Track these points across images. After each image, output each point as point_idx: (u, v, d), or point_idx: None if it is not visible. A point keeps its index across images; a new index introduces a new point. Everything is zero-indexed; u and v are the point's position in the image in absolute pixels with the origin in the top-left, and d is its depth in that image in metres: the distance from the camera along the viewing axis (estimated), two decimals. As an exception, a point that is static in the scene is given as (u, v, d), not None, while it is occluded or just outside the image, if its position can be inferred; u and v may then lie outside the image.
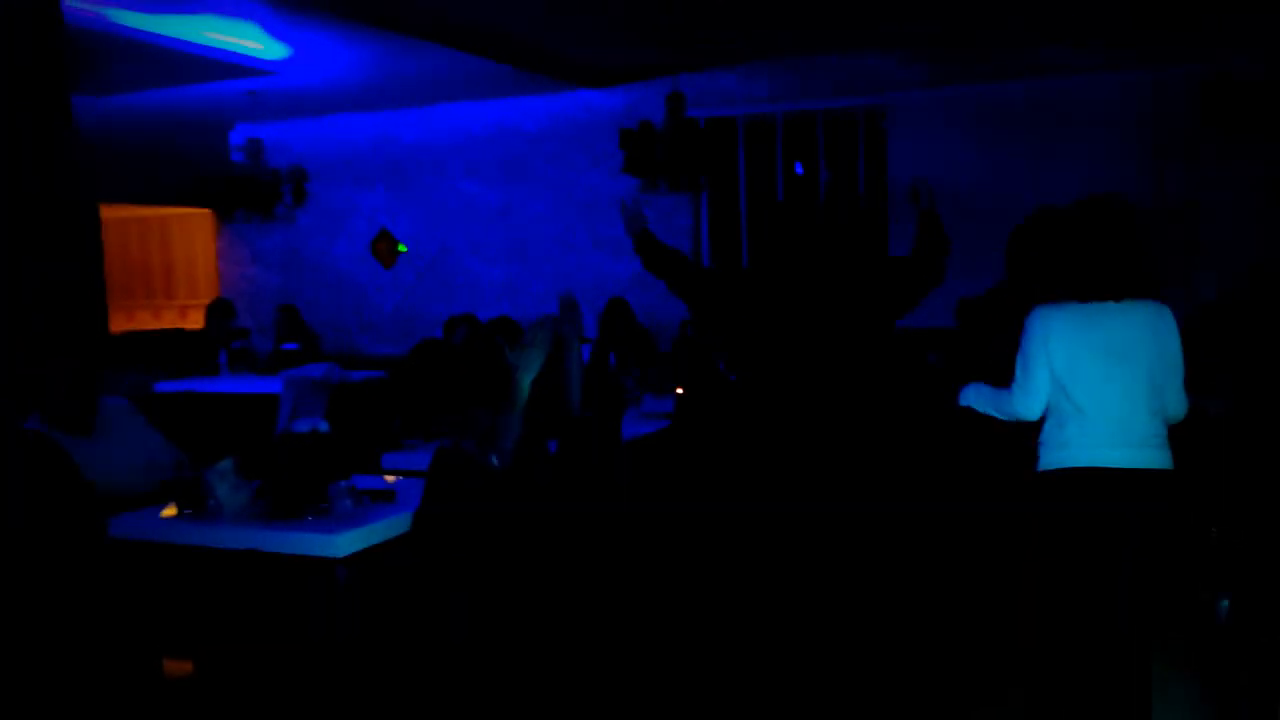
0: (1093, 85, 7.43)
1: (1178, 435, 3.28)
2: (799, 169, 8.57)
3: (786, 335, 3.72)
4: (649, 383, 6.65)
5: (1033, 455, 3.33)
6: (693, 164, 7.35)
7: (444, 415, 4.77)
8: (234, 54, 7.01)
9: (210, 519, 3.44)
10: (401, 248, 9.66)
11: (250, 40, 6.75)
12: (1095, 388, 3.18)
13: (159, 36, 6.49)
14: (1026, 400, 3.27)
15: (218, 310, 8.38)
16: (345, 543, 3.22)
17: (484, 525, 3.19)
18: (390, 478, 4.08)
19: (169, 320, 11.21)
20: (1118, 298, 3.20)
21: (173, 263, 11.35)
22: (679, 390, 5.83)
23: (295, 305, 8.74)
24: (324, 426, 3.60)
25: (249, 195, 8.38)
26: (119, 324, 10.53)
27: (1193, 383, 3.29)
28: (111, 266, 10.91)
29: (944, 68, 7.73)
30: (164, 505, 3.62)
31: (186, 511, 3.48)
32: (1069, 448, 3.21)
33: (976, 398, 3.48)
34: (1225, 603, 4.26)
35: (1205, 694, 3.90)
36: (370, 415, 5.11)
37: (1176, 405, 3.26)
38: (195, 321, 9.72)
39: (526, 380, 3.51)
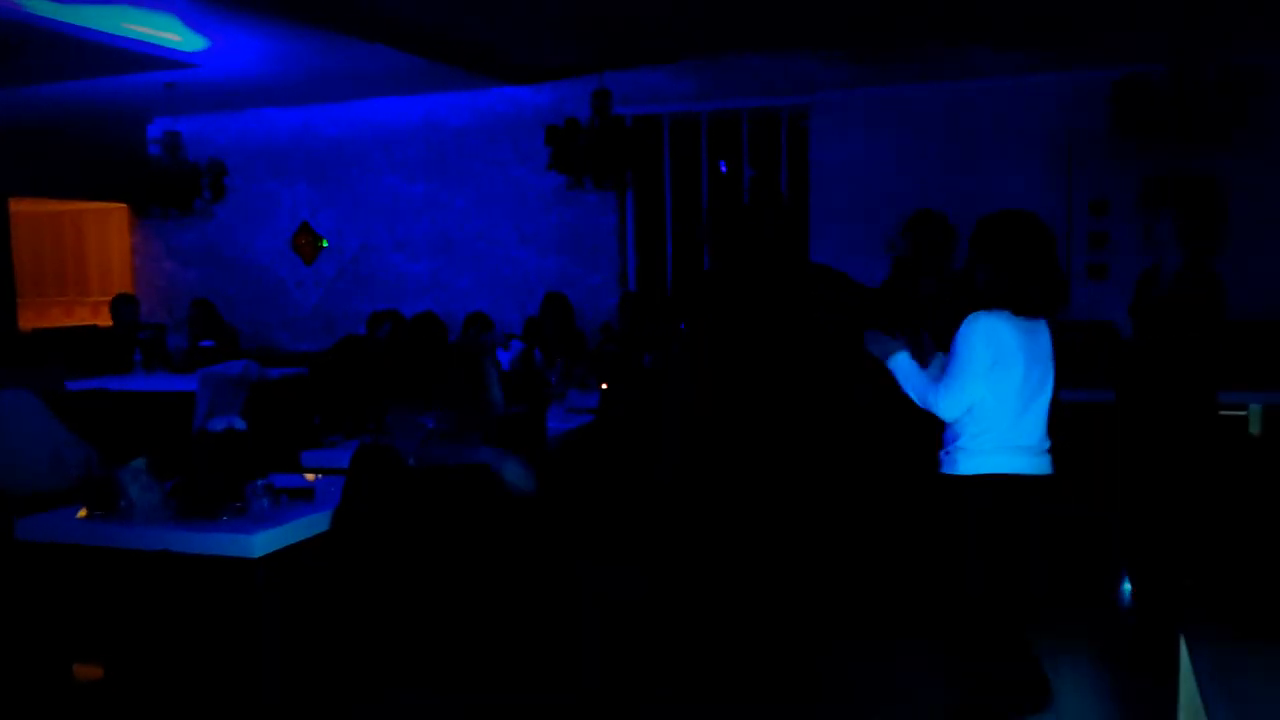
0: (1011, 88, 7.61)
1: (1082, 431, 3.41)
2: (723, 167, 8.64)
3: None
4: (574, 378, 6.67)
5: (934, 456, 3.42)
6: (618, 161, 7.38)
7: (366, 412, 4.74)
8: (151, 46, 6.86)
9: (122, 519, 3.37)
10: (323, 243, 9.53)
11: (168, 32, 6.61)
12: (1024, 400, 3.29)
13: (75, 27, 6.32)
14: (953, 402, 3.28)
15: (122, 305, 8.19)
16: (262, 542, 3.19)
17: (403, 524, 3.17)
18: (310, 476, 4.04)
19: (82, 317, 10.92)
20: (1050, 314, 3.32)
21: (86, 258, 11.06)
22: (603, 386, 5.86)
23: (211, 301, 8.58)
24: (240, 424, 3.56)
25: (166, 189, 8.21)
26: (30, 320, 10.23)
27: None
28: (22, 262, 10.64)
29: (866, 69, 7.85)
30: (76, 506, 3.54)
31: (98, 512, 3.41)
32: (994, 454, 3.30)
33: (906, 373, 3.40)
34: (1126, 586, 4.42)
35: (1109, 674, 4.03)
36: (290, 412, 5.04)
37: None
38: (109, 319, 9.49)
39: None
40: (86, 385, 7.01)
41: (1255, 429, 5.46)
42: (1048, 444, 3.38)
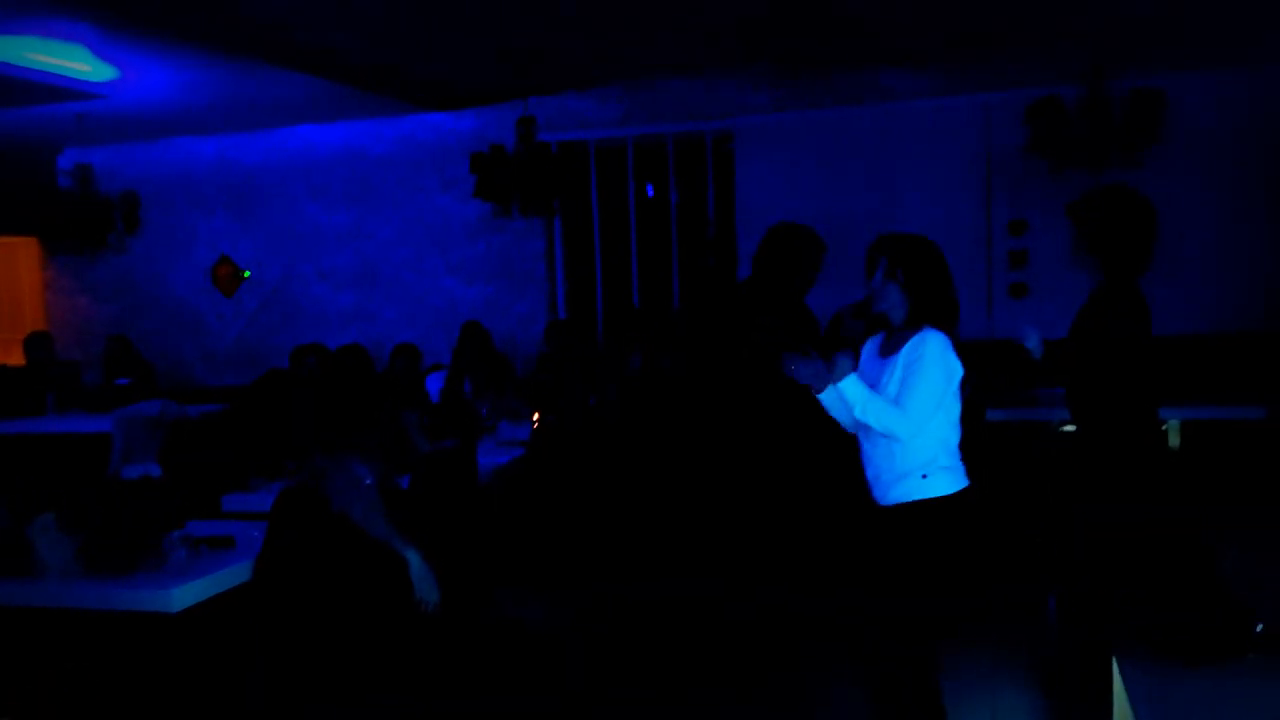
0: (930, 110, 7.73)
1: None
2: (650, 191, 8.65)
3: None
4: (505, 410, 6.59)
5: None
6: (545, 188, 7.33)
7: (290, 452, 4.62)
8: (60, 76, 6.66)
9: (33, 576, 3.22)
10: (244, 274, 9.33)
11: (77, 62, 6.43)
12: (958, 414, 3.29)
13: (-24, 58, 6.13)
14: (917, 424, 3.16)
15: (35, 344, 7.92)
16: (180, 596, 3.07)
17: (328, 572, 3.08)
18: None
19: (-9, 356, 10.55)
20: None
21: (-6, 294, 10.68)
22: (535, 417, 5.80)
23: (127, 336, 8.33)
24: (156, 471, 3.44)
25: (78, 222, 7.97)
26: (-65, 360, 9.86)
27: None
28: (-75, 299, 10.23)
29: (787, 93, 7.93)
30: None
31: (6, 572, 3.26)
32: (959, 470, 3.27)
33: (861, 396, 3.19)
34: (1052, 601, 4.47)
35: (1042, 688, 4.07)
36: (210, 452, 4.90)
37: None
38: (19, 358, 9.17)
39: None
40: (-3, 428, 6.77)
41: (1174, 442, 5.58)
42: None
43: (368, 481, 3.30)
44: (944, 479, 3.20)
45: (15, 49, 6.07)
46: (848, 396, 3.19)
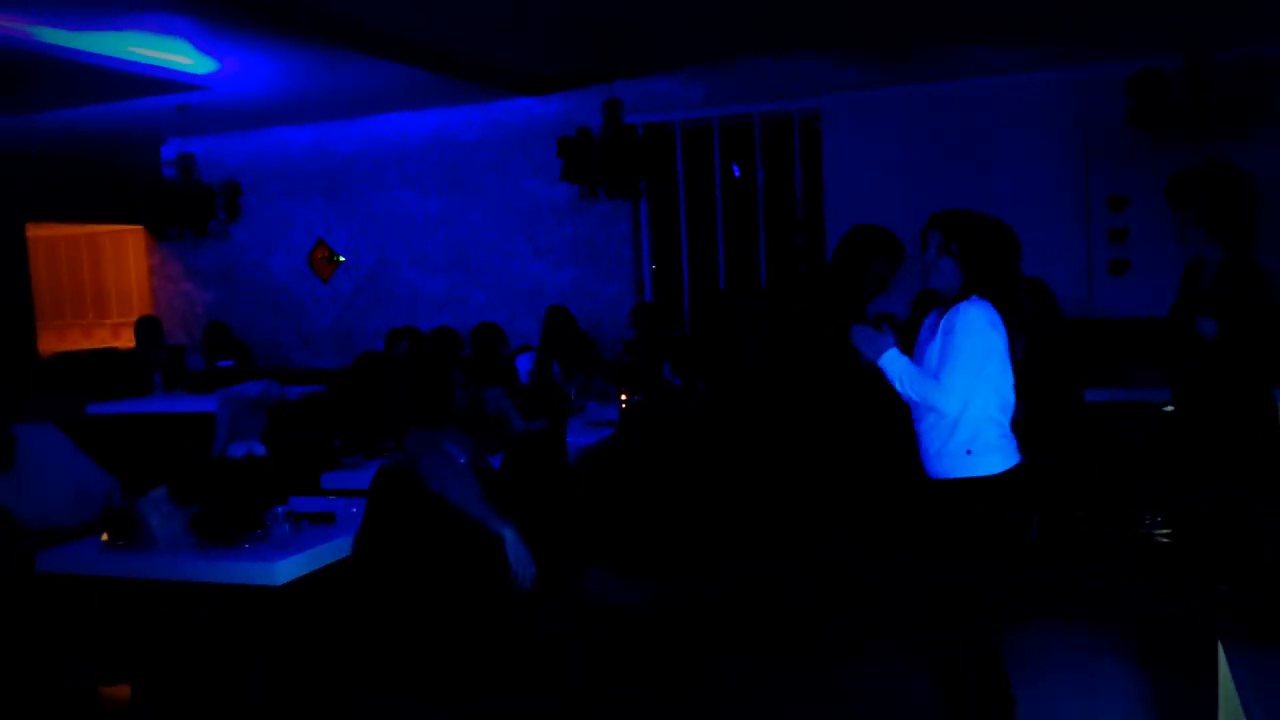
0: (1023, 85, 7.53)
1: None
2: (736, 172, 8.61)
3: None
4: (593, 391, 6.64)
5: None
6: (631, 170, 7.34)
7: (385, 431, 4.73)
8: (162, 69, 6.88)
9: (143, 549, 3.36)
10: (339, 259, 9.55)
11: (179, 55, 6.63)
12: (1008, 389, 3.23)
13: (85, 54, 6.36)
14: (955, 396, 3.13)
15: (146, 328, 8.22)
16: (284, 570, 3.17)
17: (427, 549, 3.16)
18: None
19: (101, 340, 10.98)
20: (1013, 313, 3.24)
21: (104, 281, 11.12)
22: (623, 398, 5.83)
23: (225, 322, 8.60)
24: (260, 450, 3.55)
25: (181, 211, 8.23)
26: (50, 344, 10.30)
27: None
28: (40, 286, 10.70)
29: (876, 70, 7.80)
30: (97, 536, 3.54)
31: (119, 542, 3.40)
32: (1009, 448, 3.21)
33: (901, 369, 3.22)
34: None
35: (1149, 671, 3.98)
36: (310, 433, 5.03)
37: None
38: (128, 340, 9.53)
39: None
40: (107, 409, 7.03)
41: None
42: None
43: (461, 461, 3.36)
44: (991, 457, 3.14)
45: (120, 44, 6.29)
46: (887, 370, 3.19)
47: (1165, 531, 3.81)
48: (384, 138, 9.29)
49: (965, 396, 3.12)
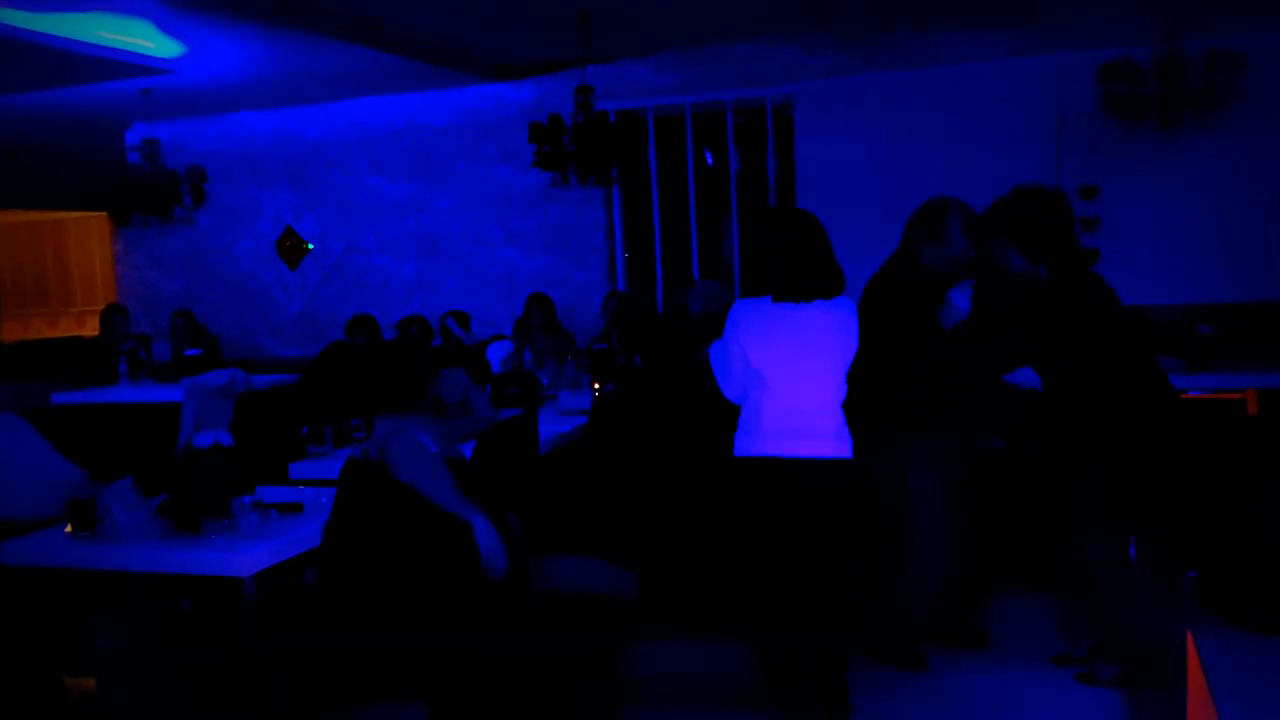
0: (996, 72, 7.54)
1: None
2: (710, 159, 8.58)
3: None
4: (565, 379, 6.60)
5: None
6: (603, 156, 7.30)
7: (354, 420, 4.67)
8: (127, 53, 6.77)
9: (108, 540, 3.30)
10: (307, 246, 9.44)
11: (144, 39, 6.52)
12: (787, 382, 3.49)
13: (48, 36, 6.24)
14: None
15: (112, 316, 8.10)
16: (251, 560, 3.12)
17: (396, 539, 3.12)
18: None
19: (65, 328, 10.83)
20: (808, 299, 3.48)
21: (68, 268, 10.97)
22: (595, 387, 5.80)
23: (190, 310, 8.49)
24: (227, 439, 3.49)
25: (146, 197, 8.12)
26: (13, 333, 10.16)
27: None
28: (2, 274, 10.55)
29: (849, 57, 7.79)
30: (61, 526, 3.48)
31: (83, 533, 3.34)
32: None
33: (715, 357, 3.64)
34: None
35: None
36: (277, 422, 4.97)
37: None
38: (93, 328, 9.39)
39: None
40: (72, 398, 6.93)
41: (1252, 411, 5.42)
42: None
43: (432, 449, 3.32)
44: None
45: (84, 26, 6.17)
46: None
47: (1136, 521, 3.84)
48: (353, 123, 9.19)
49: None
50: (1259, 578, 2.91)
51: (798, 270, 3.48)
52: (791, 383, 3.49)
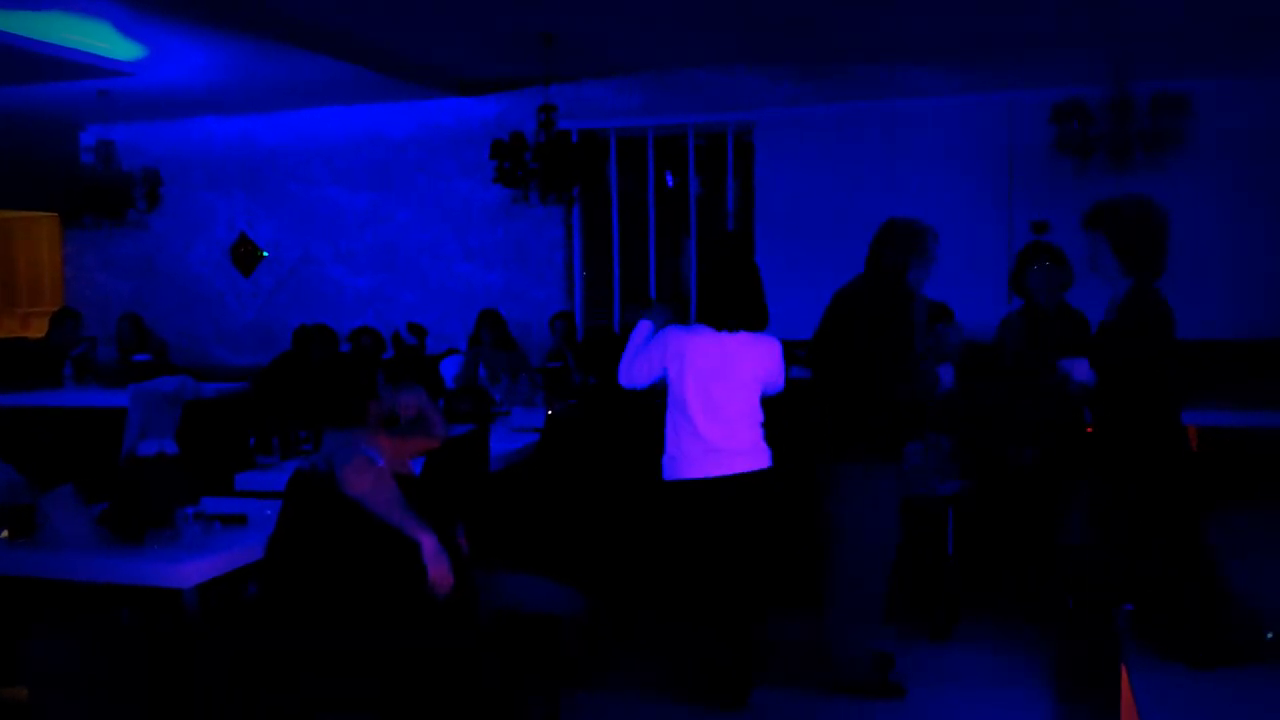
0: (952, 107, 7.68)
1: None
2: (670, 181, 8.63)
3: None
4: (519, 396, 6.59)
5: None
6: (565, 175, 7.32)
7: (302, 432, 4.63)
8: (85, 53, 6.69)
9: (45, 548, 3.24)
10: (262, 254, 9.35)
11: (103, 40, 6.45)
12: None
13: (5, 34, 6.15)
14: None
15: (62, 320, 7.97)
16: (192, 571, 3.08)
17: (340, 554, 3.09)
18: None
19: (10, 329, 10.62)
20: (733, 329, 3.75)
21: (15, 269, 10.76)
22: (550, 405, 5.79)
23: (139, 314, 8.37)
24: (172, 448, 3.45)
25: (99, 199, 8.00)
26: (-45, 333, 9.94)
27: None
28: (-54, 272, 10.32)
29: (810, 86, 7.89)
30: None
31: (20, 540, 3.28)
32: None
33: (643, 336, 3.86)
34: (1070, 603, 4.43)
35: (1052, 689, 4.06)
36: (224, 432, 4.91)
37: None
38: (38, 330, 9.21)
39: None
40: (14, 400, 6.80)
41: (1192, 448, 5.52)
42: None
43: (380, 464, 3.30)
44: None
45: (43, 25, 6.09)
46: None
47: (1073, 553, 3.91)
48: (313, 132, 9.14)
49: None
50: (1193, 612, 2.97)
51: (727, 301, 3.72)
52: (710, 409, 3.73)
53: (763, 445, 3.85)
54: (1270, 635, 2.89)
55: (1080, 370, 3.51)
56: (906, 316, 3.99)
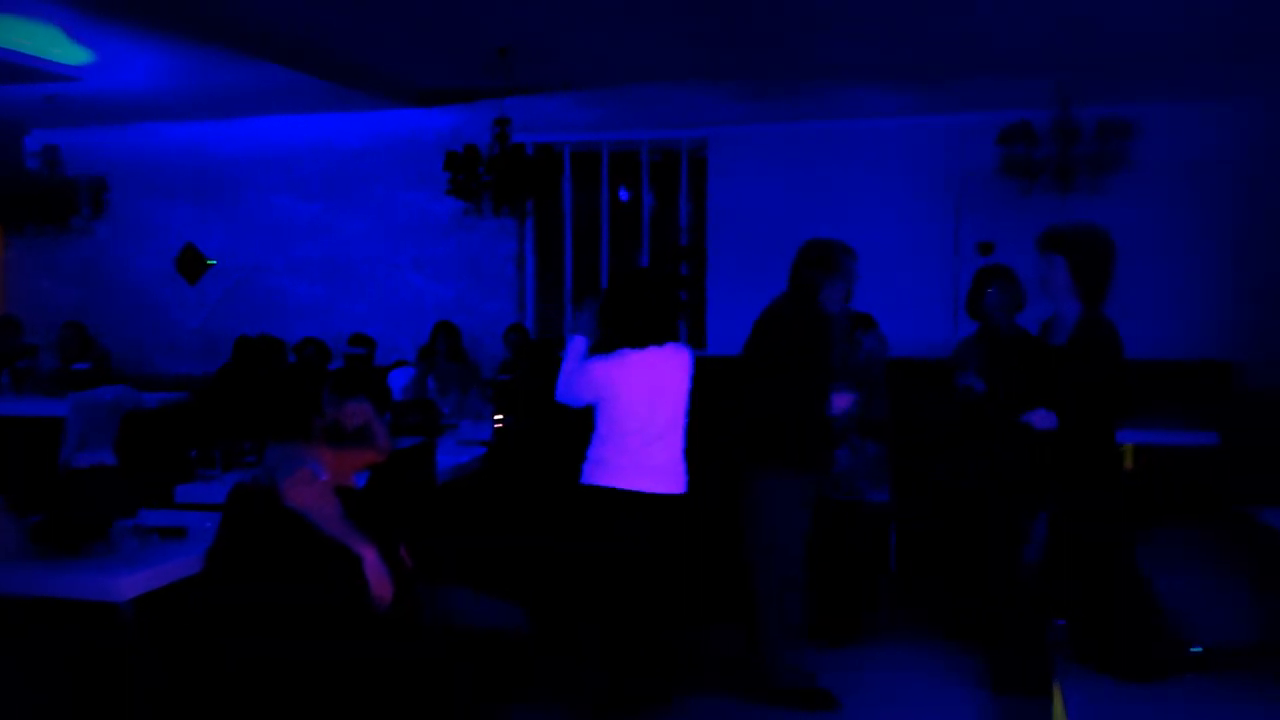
0: (902, 128, 7.80)
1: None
2: (624, 196, 8.66)
3: None
4: (468, 409, 6.57)
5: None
6: (519, 188, 7.32)
7: (244, 444, 4.58)
8: (32, 57, 6.58)
9: (-23, 560, 3.18)
10: (210, 263, 9.24)
11: (50, 44, 6.35)
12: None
13: (-57, 34, 6.05)
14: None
15: (2, 327, 7.82)
16: (128, 585, 3.03)
17: (280, 567, 3.07)
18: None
19: (-52, 335, 10.38)
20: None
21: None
22: (497, 418, 5.77)
23: (82, 322, 8.24)
24: (110, 459, 3.41)
25: (43, 205, 7.88)
26: (-110, 338, 9.69)
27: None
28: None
29: (762, 105, 7.97)
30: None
31: (-50, 552, 3.21)
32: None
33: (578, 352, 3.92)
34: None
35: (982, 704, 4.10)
36: (165, 443, 4.84)
37: None
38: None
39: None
40: (-50, 409, 6.66)
41: (1126, 465, 5.63)
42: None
43: (322, 477, 3.28)
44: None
45: (-14, 27, 6.00)
46: None
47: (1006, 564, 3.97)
48: (263, 141, 9.06)
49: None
50: (1123, 627, 3.02)
51: (642, 319, 3.85)
52: (642, 425, 3.84)
53: (681, 468, 3.95)
54: (1198, 649, 2.95)
55: (1041, 419, 3.58)
56: (821, 333, 4.05)
